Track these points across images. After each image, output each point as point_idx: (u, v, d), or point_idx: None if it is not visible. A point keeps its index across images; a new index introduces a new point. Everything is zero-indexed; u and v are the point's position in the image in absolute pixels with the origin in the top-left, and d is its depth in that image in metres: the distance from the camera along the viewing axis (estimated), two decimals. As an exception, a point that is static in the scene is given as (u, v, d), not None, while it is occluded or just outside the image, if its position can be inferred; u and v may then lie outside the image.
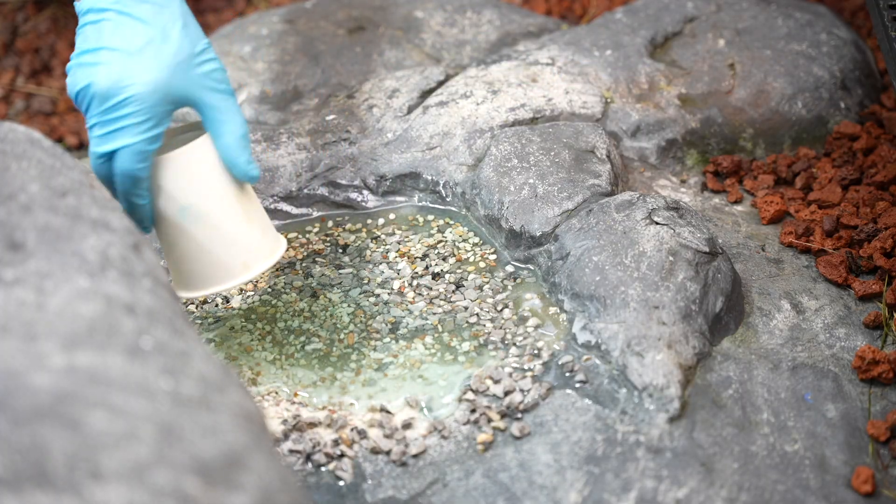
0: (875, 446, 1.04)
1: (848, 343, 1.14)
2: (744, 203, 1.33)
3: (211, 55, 1.07)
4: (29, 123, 1.73)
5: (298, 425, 1.06)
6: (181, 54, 1.05)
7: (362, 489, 1.02)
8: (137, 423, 0.69)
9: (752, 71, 1.43)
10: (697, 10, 1.51)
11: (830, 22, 1.50)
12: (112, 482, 0.64)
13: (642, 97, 1.40)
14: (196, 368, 0.76)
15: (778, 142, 1.40)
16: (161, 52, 1.04)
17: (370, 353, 1.15)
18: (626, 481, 0.99)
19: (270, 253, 1.12)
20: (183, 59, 1.05)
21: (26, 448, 0.65)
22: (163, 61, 1.04)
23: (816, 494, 1.00)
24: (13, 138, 0.92)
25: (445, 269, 1.22)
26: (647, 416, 1.03)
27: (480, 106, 1.34)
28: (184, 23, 1.06)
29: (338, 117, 1.37)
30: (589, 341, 1.10)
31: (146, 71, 1.04)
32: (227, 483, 0.68)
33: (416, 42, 1.51)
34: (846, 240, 1.24)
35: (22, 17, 1.91)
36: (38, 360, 0.71)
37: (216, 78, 1.07)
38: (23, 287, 0.77)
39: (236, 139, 1.07)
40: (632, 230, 1.14)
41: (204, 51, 1.06)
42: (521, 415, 1.06)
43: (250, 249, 1.10)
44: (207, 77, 1.06)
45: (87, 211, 0.87)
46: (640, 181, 1.32)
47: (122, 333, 0.76)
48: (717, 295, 1.12)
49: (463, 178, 1.29)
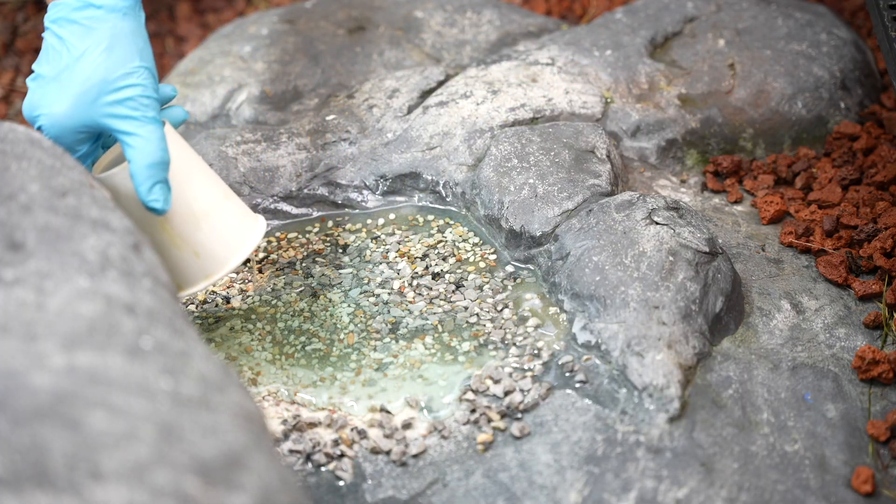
0: (875, 446, 1.04)
1: (848, 343, 1.14)
2: (744, 203, 1.33)
3: (134, 80, 1.03)
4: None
5: (298, 425, 1.06)
6: (89, 82, 1.02)
7: (362, 489, 1.02)
8: (137, 423, 0.69)
9: (752, 71, 1.43)
10: (697, 10, 1.51)
11: (830, 22, 1.50)
12: (112, 482, 0.64)
13: (642, 97, 1.40)
14: (196, 368, 0.76)
15: (778, 142, 1.40)
16: (70, 81, 1.02)
17: (370, 353, 1.15)
18: (626, 481, 0.99)
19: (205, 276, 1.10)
20: (90, 88, 1.02)
21: (26, 448, 0.65)
22: (69, 90, 1.02)
23: (816, 494, 1.00)
24: (13, 138, 0.92)
25: (445, 269, 1.22)
26: (647, 416, 1.03)
27: (480, 106, 1.34)
28: (108, 45, 1.03)
29: (338, 117, 1.37)
30: (589, 341, 1.10)
31: (52, 101, 1.03)
32: (227, 483, 0.68)
33: (416, 42, 1.51)
34: (846, 240, 1.24)
35: (22, 17, 1.91)
36: (38, 360, 0.71)
37: (132, 105, 1.03)
38: (23, 287, 0.77)
39: (140, 168, 1.03)
40: (632, 230, 1.14)
41: (127, 75, 1.03)
42: (521, 415, 1.06)
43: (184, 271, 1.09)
44: (120, 104, 1.03)
45: (87, 211, 0.87)
46: (640, 181, 1.32)
47: (122, 333, 0.76)
48: (717, 295, 1.12)
49: (463, 178, 1.29)
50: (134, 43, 1.04)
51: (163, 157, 1.03)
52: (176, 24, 1.89)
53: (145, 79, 1.04)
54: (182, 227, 1.08)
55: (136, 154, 1.03)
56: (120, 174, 1.04)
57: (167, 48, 1.85)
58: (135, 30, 1.05)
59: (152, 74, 1.05)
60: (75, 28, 1.03)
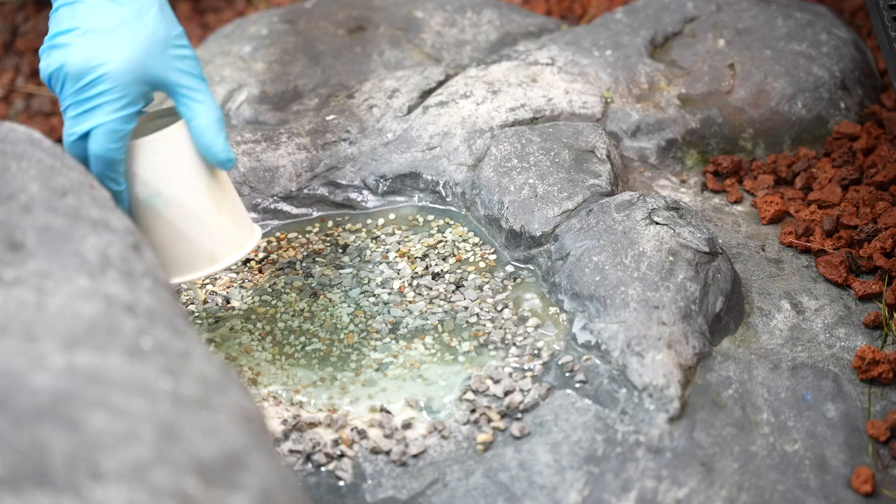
0: (875, 446, 1.04)
1: (848, 343, 1.14)
2: (744, 203, 1.33)
3: (185, 41, 1.05)
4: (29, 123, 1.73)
5: (298, 425, 1.06)
6: (156, 35, 1.03)
7: (362, 489, 1.02)
8: (137, 423, 0.69)
9: (752, 71, 1.43)
10: (697, 10, 1.51)
11: (830, 22, 1.50)
12: (112, 482, 0.64)
13: (642, 97, 1.40)
14: (196, 368, 0.76)
15: (778, 142, 1.40)
16: (136, 32, 1.02)
17: (370, 353, 1.15)
18: (626, 481, 0.99)
19: (239, 246, 1.10)
20: (158, 41, 1.03)
21: (26, 448, 0.65)
22: (137, 41, 1.02)
23: (816, 494, 1.00)
24: (13, 138, 0.92)
25: (445, 269, 1.22)
26: (647, 416, 1.03)
27: (480, 106, 1.34)
28: (160, 7, 1.04)
29: (338, 117, 1.37)
30: (589, 341, 1.10)
31: (120, 49, 1.02)
32: (227, 483, 0.68)
33: (416, 42, 1.51)
34: (846, 240, 1.24)
35: (22, 17, 1.91)
36: (38, 360, 0.71)
37: (191, 64, 1.05)
38: (23, 287, 0.77)
39: (211, 122, 1.05)
40: (632, 230, 1.14)
41: (179, 35, 1.05)
42: (521, 415, 1.06)
43: (217, 242, 1.09)
44: (183, 61, 1.04)
45: (87, 211, 0.87)
46: (640, 181, 1.32)
47: (122, 333, 0.76)
48: (717, 295, 1.12)
49: (463, 178, 1.29)
50: (171, 10, 1.06)
51: (221, 114, 1.07)
52: (176, 24, 1.89)
53: (189, 43, 1.07)
54: (223, 193, 1.10)
55: (204, 108, 1.05)
56: (177, 131, 1.06)
57: (167, 48, 1.84)
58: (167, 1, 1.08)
59: None
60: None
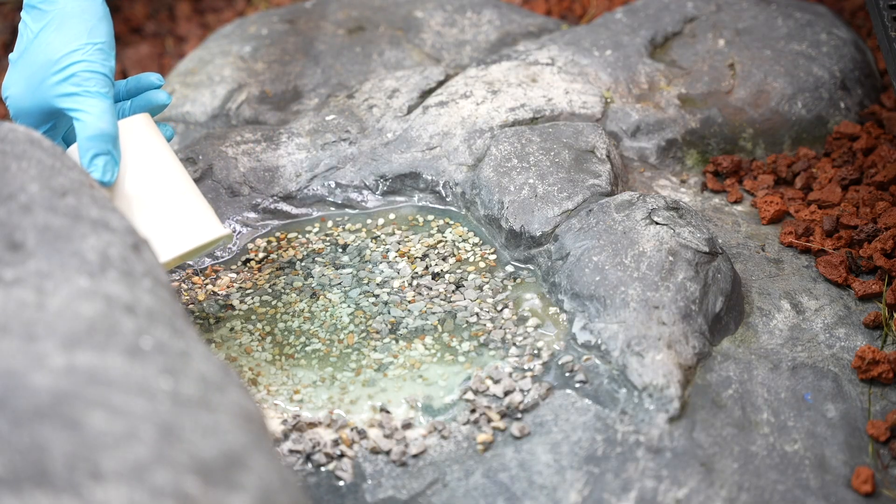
0: (875, 446, 1.04)
1: (848, 343, 1.14)
2: (744, 203, 1.33)
3: (78, 56, 1.04)
4: (29, 123, 1.73)
5: (298, 425, 1.06)
6: (36, 64, 1.06)
7: (362, 489, 1.02)
8: (137, 423, 0.69)
9: (752, 71, 1.43)
10: (697, 10, 1.51)
11: (830, 22, 1.50)
12: (112, 482, 0.64)
13: (642, 97, 1.40)
14: (196, 368, 0.76)
15: (778, 142, 1.40)
16: (24, 63, 1.07)
17: (370, 353, 1.15)
18: (626, 481, 0.99)
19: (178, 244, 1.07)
20: (38, 69, 1.05)
21: (26, 448, 0.65)
22: (23, 73, 1.07)
23: (816, 494, 1.00)
24: (13, 138, 0.92)
25: (445, 269, 1.22)
26: (647, 416, 1.03)
27: (480, 106, 1.34)
28: (56, 26, 1.05)
29: (338, 117, 1.37)
30: (589, 341, 1.09)
31: (12, 84, 1.08)
32: (227, 483, 0.68)
33: (416, 42, 1.51)
34: (846, 240, 1.24)
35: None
36: (38, 360, 0.71)
37: (74, 81, 1.04)
38: (23, 287, 0.77)
39: (81, 140, 1.04)
40: (632, 230, 1.14)
41: (71, 53, 1.04)
42: (521, 415, 1.06)
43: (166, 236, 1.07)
44: (64, 83, 1.04)
45: (86, 211, 0.87)
46: (640, 181, 1.32)
47: (122, 333, 0.76)
48: (717, 295, 1.12)
49: (463, 178, 1.29)
50: (83, 21, 1.06)
51: (105, 129, 1.04)
52: (176, 24, 1.89)
53: (91, 54, 1.05)
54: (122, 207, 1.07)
55: (79, 127, 1.05)
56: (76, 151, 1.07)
57: (167, 48, 1.85)
58: (85, 8, 1.07)
59: (102, 50, 1.06)
60: (35, 13, 1.07)
